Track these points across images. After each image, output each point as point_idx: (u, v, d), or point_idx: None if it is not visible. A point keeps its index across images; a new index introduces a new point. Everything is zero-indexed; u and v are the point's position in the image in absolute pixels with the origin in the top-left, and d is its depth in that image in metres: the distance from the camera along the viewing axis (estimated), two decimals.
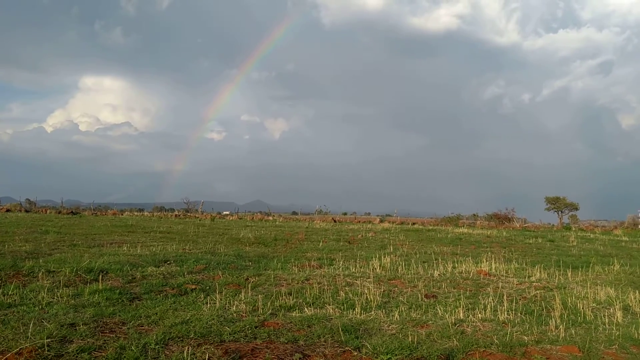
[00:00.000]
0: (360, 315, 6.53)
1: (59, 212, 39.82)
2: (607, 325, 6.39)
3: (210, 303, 6.87)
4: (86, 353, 4.65)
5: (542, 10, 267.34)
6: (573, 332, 6.04)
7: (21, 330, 5.16)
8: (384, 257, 12.40)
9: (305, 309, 6.78)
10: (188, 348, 4.85)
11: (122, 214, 43.73)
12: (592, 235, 29.62)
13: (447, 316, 6.59)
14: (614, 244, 22.19)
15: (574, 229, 39.89)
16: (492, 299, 7.64)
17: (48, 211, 41.73)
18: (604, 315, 6.92)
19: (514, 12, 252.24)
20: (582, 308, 7.28)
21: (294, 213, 68.46)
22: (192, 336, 5.30)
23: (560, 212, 50.40)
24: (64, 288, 7.38)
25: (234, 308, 6.64)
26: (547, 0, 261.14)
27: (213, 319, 5.99)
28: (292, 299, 7.27)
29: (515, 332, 5.89)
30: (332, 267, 11.04)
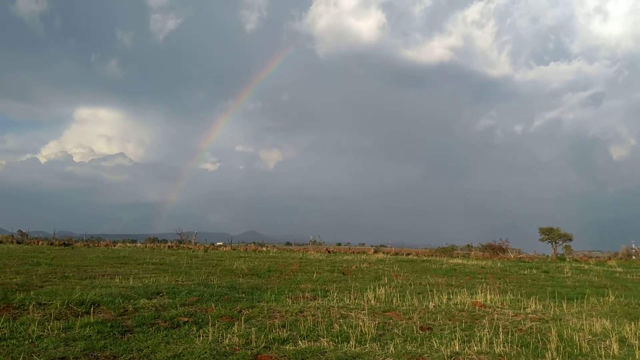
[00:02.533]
0: (354, 349, 6.47)
1: (51, 244, 39.42)
2: (603, 358, 6.35)
3: (202, 336, 6.79)
4: None
5: (534, 43, 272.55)
6: None
7: None
8: (379, 288, 12.32)
9: (299, 342, 6.71)
10: None
11: (114, 246, 43.31)
12: (586, 266, 29.59)
13: (442, 349, 6.53)
14: (608, 275, 22.17)
15: (568, 259, 39.84)
16: (488, 331, 7.60)
17: (40, 243, 41.28)
18: (600, 348, 6.89)
19: (506, 45, 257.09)
20: (578, 340, 7.25)
21: (288, 244, 68.17)
22: None
23: (554, 242, 50.40)
24: (55, 321, 7.28)
25: (227, 341, 6.56)
26: (538, 33, 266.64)
27: (206, 352, 5.92)
28: (286, 332, 7.19)
29: None
30: (326, 298, 10.95)
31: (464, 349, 6.58)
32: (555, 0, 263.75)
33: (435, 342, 6.92)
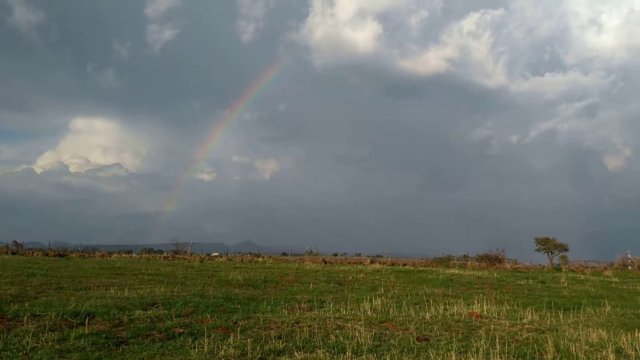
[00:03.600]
0: None
1: (46, 254, 39.18)
2: None
3: (198, 347, 6.75)
4: None
5: (529, 54, 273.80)
6: None
7: None
8: (375, 298, 12.30)
9: (295, 353, 6.68)
10: None
11: (110, 256, 43.09)
12: (582, 277, 29.60)
13: None
14: (604, 285, 22.18)
15: (564, 270, 39.83)
16: (485, 342, 7.58)
17: (35, 253, 41.01)
18: (597, 358, 6.89)
19: (502, 56, 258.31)
20: (575, 351, 7.24)
21: (284, 254, 67.90)
22: None
23: (550, 253, 50.35)
24: (49, 332, 7.23)
25: (223, 352, 6.53)
26: (534, 44, 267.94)
27: None
28: (282, 343, 7.16)
29: None
30: (322, 309, 10.91)
31: None
32: (550, 12, 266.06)
33: (432, 353, 6.90)
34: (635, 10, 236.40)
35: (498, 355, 6.80)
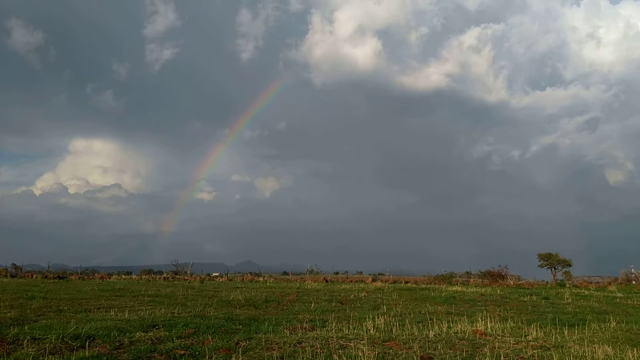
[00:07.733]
0: None
1: (46, 277, 39.04)
2: None
3: None
4: None
5: (530, 69, 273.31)
6: None
7: None
8: (378, 317, 12.20)
9: None
10: None
11: (109, 278, 42.91)
12: (586, 292, 29.42)
13: None
14: (608, 301, 22.03)
15: (568, 285, 39.62)
16: None
17: (34, 276, 40.86)
18: None
19: (502, 70, 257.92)
20: None
21: (285, 273, 67.61)
22: None
23: (553, 268, 50.13)
24: (50, 356, 7.17)
25: None
26: (535, 58, 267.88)
27: None
28: None
29: None
30: (324, 329, 10.82)
31: None
32: (548, 27, 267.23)
33: None
34: (631, 24, 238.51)
35: None
